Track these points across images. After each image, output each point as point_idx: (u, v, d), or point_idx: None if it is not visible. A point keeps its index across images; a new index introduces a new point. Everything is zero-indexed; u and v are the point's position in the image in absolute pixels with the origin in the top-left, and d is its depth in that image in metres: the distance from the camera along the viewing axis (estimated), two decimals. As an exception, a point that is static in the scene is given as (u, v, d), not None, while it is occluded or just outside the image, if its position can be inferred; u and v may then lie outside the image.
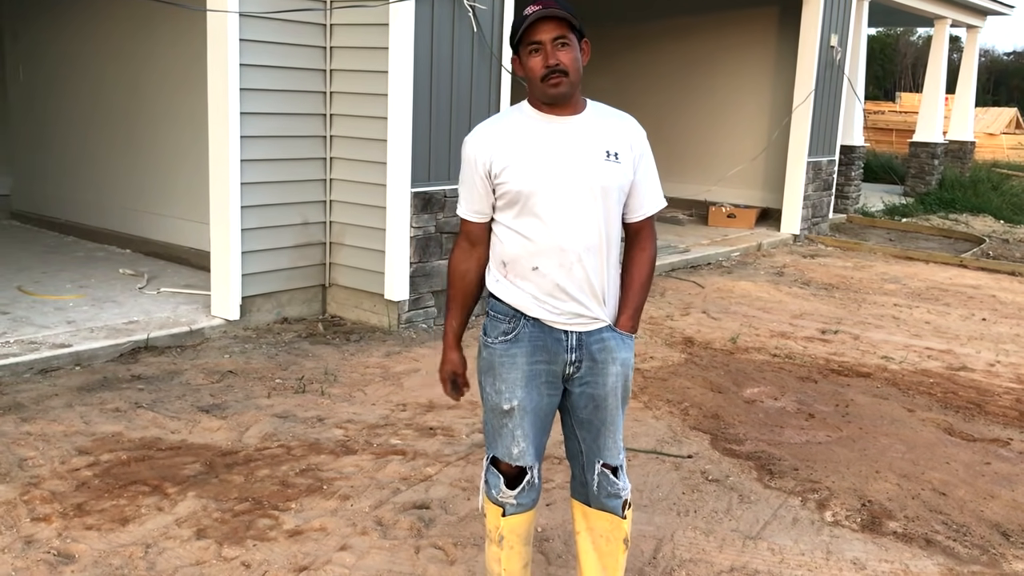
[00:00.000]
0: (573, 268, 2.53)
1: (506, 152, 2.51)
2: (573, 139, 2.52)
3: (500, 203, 2.56)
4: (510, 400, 2.60)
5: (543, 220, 2.51)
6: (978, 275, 9.50)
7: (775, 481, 4.13)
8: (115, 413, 4.51)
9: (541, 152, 2.50)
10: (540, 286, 2.54)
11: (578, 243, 2.52)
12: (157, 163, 7.54)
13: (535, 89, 2.50)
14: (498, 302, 2.61)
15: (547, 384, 2.62)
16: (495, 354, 2.61)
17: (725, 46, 12.19)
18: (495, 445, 2.69)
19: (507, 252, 2.57)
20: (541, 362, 2.59)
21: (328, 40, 6.15)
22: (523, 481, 2.69)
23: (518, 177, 2.49)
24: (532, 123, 2.54)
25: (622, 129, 2.59)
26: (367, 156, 6.10)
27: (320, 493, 3.78)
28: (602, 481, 2.71)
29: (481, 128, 2.61)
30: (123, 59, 7.69)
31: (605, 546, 2.77)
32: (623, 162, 2.54)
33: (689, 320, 6.99)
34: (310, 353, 5.65)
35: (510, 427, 2.63)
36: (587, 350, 2.59)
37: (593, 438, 2.68)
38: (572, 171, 2.49)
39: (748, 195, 12.07)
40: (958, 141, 16.79)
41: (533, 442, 2.65)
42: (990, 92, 56.34)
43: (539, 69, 2.46)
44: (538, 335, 2.57)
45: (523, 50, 2.49)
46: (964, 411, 5.19)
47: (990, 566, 3.48)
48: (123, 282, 6.70)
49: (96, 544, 3.30)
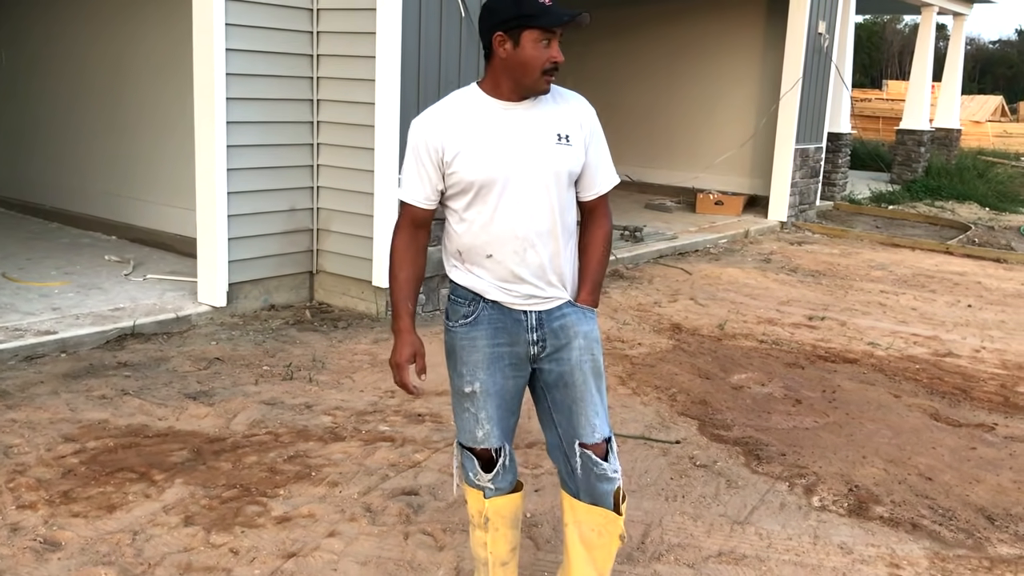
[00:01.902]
0: (527, 254, 2.50)
1: (458, 140, 2.44)
2: (526, 126, 2.46)
3: (451, 191, 2.50)
4: (471, 383, 2.58)
5: (496, 209, 2.47)
6: (964, 262, 9.55)
7: (763, 466, 4.15)
8: (101, 400, 4.49)
9: (495, 141, 2.44)
10: (495, 273, 2.52)
11: (531, 229, 2.48)
12: (142, 149, 7.49)
13: (525, 78, 2.41)
14: (457, 286, 2.60)
15: (511, 366, 2.59)
16: (456, 337, 2.59)
17: (713, 32, 12.18)
18: (460, 428, 2.69)
19: (461, 241, 2.53)
20: (503, 344, 2.57)
21: (315, 25, 6.11)
22: (496, 464, 2.67)
23: (471, 167, 2.43)
24: (486, 109, 2.46)
25: (571, 110, 2.54)
26: (355, 142, 6.06)
27: (308, 480, 3.77)
28: (585, 462, 2.60)
29: (432, 113, 2.51)
30: (107, 43, 7.63)
31: (597, 539, 2.69)
32: (574, 144, 2.50)
33: (677, 306, 7.00)
34: (298, 340, 5.63)
35: (472, 410, 2.61)
36: (548, 328, 2.56)
37: (567, 418, 2.62)
38: (526, 159, 2.45)
39: (736, 182, 12.09)
40: (944, 129, 16.84)
41: (498, 424, 2.63)
42: (976, 80, 56.52)
43: (543, 62, 2.39)
44: (498, 317, 2.55)
45: (529, 34, 2.37)
46: (950, 397, 5.22)
47: (975, 550, 3.51)
48: (109, 269, 6.66)
49: (83, 531, 3.28)
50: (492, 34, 2.41)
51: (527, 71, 2.40)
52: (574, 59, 11.58)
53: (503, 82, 2.45)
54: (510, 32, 2.39)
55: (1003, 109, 29.33)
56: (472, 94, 2.50)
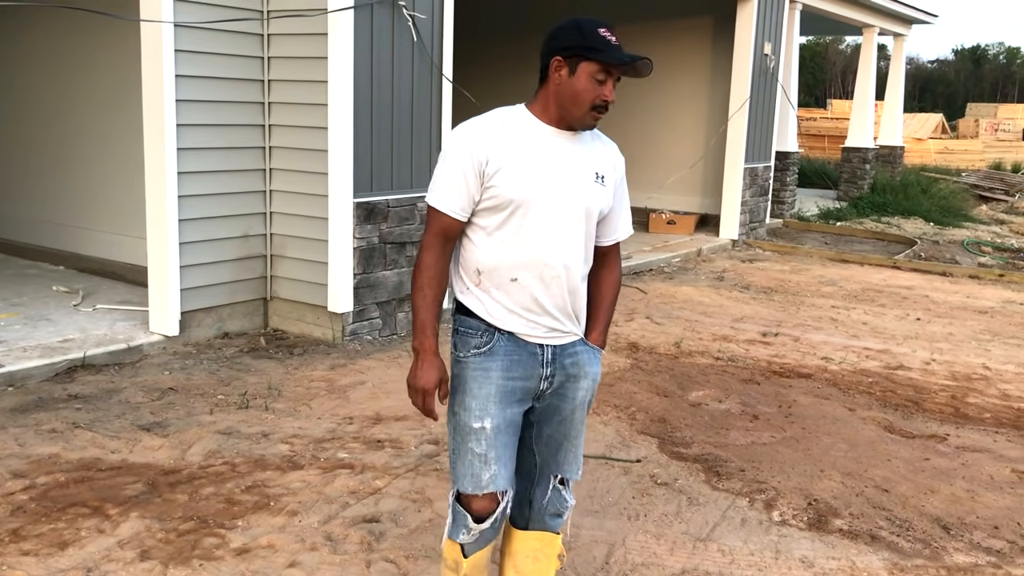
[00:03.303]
0: (552, 284, 2.45)
1: (503, 155, 2.38)
2: (570, 156, 2.45)
3: (484, 205, 2.41)
4: (481, 418, 2.44)
5: (530, 232, 2.41)
6: (911, 276, 9.75)
7: (723, 483, 4.18)
8: (51, 434, 4.38)
9: (539, 164, 2.40)
10: (516, 299, 2.44)
11: (560, 259, 2.44)
12: (91, 177, 7.37)
13: (574, 109, 2.39)
14: (467, 317, 2.48)
15: (519, 403, 2.50)
16: (467, 368, 2.46)
17: (662, 55, 12.34)
18: (460, 474, 2.49)
19: (485, 260, 2.44)
20: (517, 378, 2.47)
21: (266, 50, 6.08)
22: (495, 512, 2.51)
23: (512, 184, 2.38)
24: (534, 131, 2.43)
25: (608, 152, 2.56)
26: (308, 167, 6.03)
27: (267, 510, 3.71)
28: (553, 498, 2.63)
29: (479, 123, 2.44)
30: (54, 69, 7.51)
31: (532, 565, 2.66)
32: (607, 186, 2.51)
33: (633, 325, 7.04)
34: (253, 368, 5.56)
35: (479, 449, 2.45)
36: (560, 364, 2.51)
37: (552, 452, 2.60)
38: (565, 187, 2.42)
39: (687, 201, 12.23)
40: (888, 146, 17.23)
41: (506, 466, 2.48)
42: (916, 99, 57.94)
43: (594, 98, 2.37)
44: (513, 349, 2.46)
45: (586, 66, 2.35)
46: (903, 409, 5.31)
47: (933, 559, 3.56)
48: (57, 299, 6.52)
49: (34, 570, 3.19)
50: (551, 57, 2.40)
51: (577, 102, 2.38)
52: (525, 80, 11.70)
53: (551, 108, 2.43)
54: (568, 59, 2.37)
55: (943, 126, 30.12)
56: (520, 113, 2.46)
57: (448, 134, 2.46)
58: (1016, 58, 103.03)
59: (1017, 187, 18.32)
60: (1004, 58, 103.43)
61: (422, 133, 6.35)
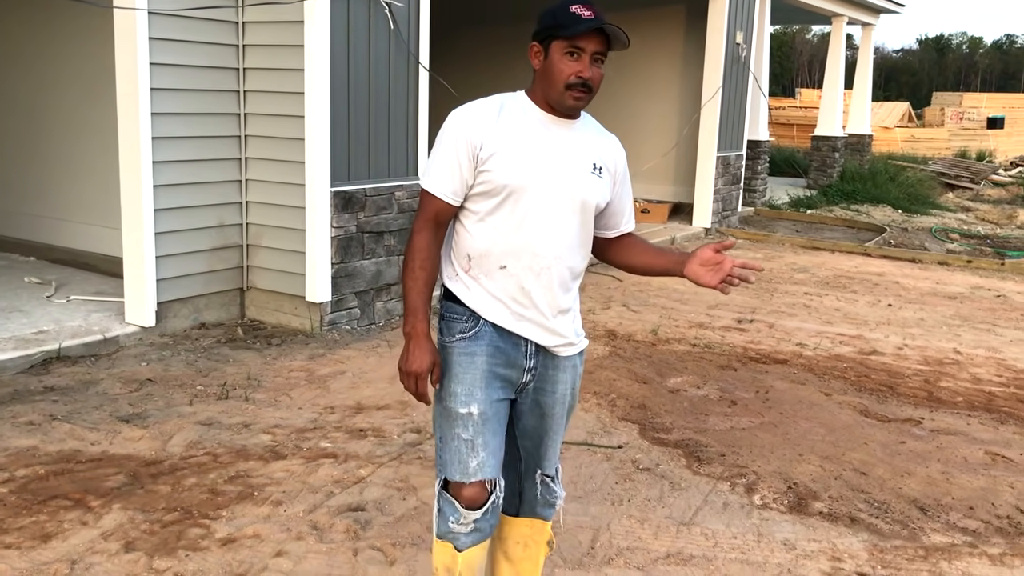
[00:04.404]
0: (542, 274, 2.41)
1: (499, 139, 2.35)
2: (567, 145, 2.41)
3: (477, 191, 2.38)
4: (467, 403, 2.39)
5: (522, 219, 2.37)
6: (881, 263, 9.87)
7: (704, 467, 4.22)
8: (29, 426, 4.33)
9: (534, 150, 2.37)
10: (504, 287, 2.41)
11: (551, 249, 2.40)
12: (63, 167, 7.26)
13: (551, 91, 2.35)
14: (454, 303, 2.46)
15: (502, 389, 2.46)
16: (452, 352, 2.43)
17: (634, 44, 12.29)
18: (447, 461, 2.43)
19: (476, 246, 2.41)
20: (499, 365, 2.44)
21: (241, 38, 6.02)
22: (487, 501, 2.44)
23: (506, 170, 2.34)
24: (531, 117, 2.40)
25: (609, 146, 2.52)
26: (284, 156, 5.99)
27: (251, 500, 3.70)
28: (543, 491, 2.63)
29: (476, 107, 2.40)
30: (26, 57, 7.39)
31: (522, 552, 2.67)
32: (604, 178, 2.47)
33: (611, 313, 7.08)
34: (231, 358, 5.53)
35: (466, 436, 2.39)
36: (543, 358, 2.49)
37: (535, 446, 2.59)
38: (560, 176, 2.38)
39: (660, 190, 12.29)
40: (857, 134, 17.40)
41: (494, 453, 2.43)
42: (881, 88, 58.51)
43: (569, 75, 2.31)
44: (497, 336, 2.43)
45: (556, 45, 2.32)
46: (877, 393, 5.39)
47: (911, 540, 3.63)
48: (29, 291, 6.44)
49: (17, 563, 3.16)
50: (529, 45, 2.41)
51: (553, 83, 2.34)
52: (496, 71, 11.73)
53: (539, 93, 2.41)
54: (543, 43, 2.36)
55: (910, 115, 30.46)
56: (519, 100, 2.43)
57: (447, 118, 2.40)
58: (979, 48, 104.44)
59: (982, 175, 18.59)
60: (967, 47, 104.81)
61: (399, 122, 6.33)
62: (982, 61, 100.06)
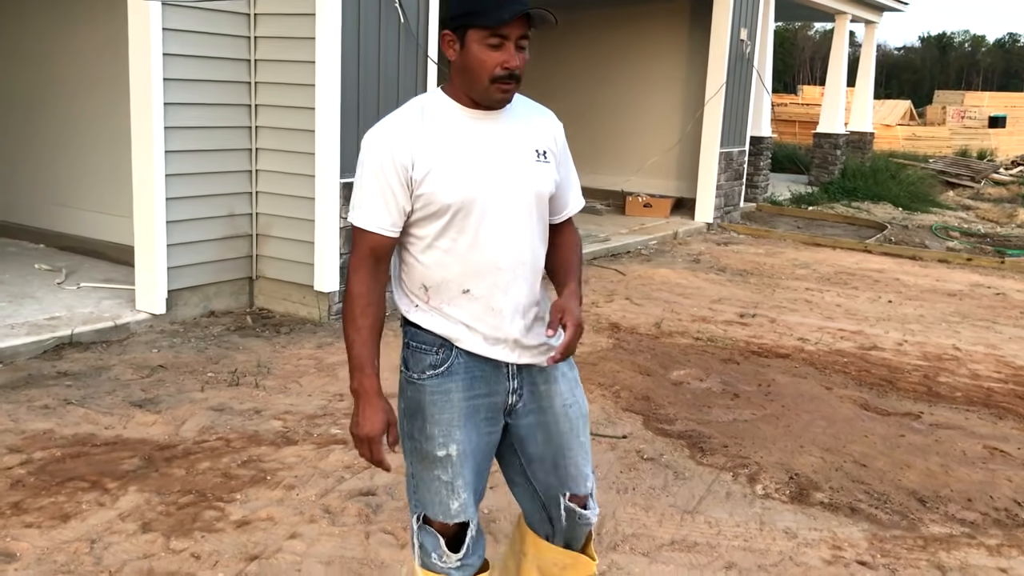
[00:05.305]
0: (510, 288, 2.18)
1: (430, 153, 2.08)
2: (504, 140, 2.16)
3: (419, 215, 2.12)
4: (445, 446, 2.18)
5: (475, 236, 2.12)
6: (882, 260, 9.94)
7: (707, 458, 4.30)
8: (44, 410, 4.41)
9: (472, 157, 2.11)
10: (471, 312, 2.17)
11: (514, 258, 2.17)
12: (72, 156, 7.33)
13: (475, 85, 2.08)
14: (419, 331, 2.20)
15: (487, 420, 2.24)
16: (424, 392, 2.18)
17: (639, 40, 12.43)
18: (426, 501, 2.23)
19: (430, 275, 2.16)
20: (480, 396, 2.21)
21: (252, 30, 6.08)
22: (466, 538, 2.26)
23: (447, 188, 2.08)
24: (456, 119, 2.13)
25: (545, 123, 2.26)
26: (294, 147, 6.05)
27: (264, 483, 3.78)
28: (570, 516, 2.34)
29: (395, 122, 2.13)
30: (34, 46, 7.44)
31: (559, 573, 2.41)
32: (550, 161, 2.22)
33: (614, 306, 7.15)
34: (240, 346, 5.60)
35: (445, 478, 2.19)
36: (528, 374, 2.27)
37: (551, 472, 2.32)
38: (507, 178, 2.14)
39: (663, 185, 12.35)
40: (858, 132, 17.47)
41: (475, 491, 2.25)
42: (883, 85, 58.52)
43: (494, 67, 2.05)
44: (474, 364, 2.20)
45: (474, 34, 2.04)
46: (877, 387, 5.47)
47: (910, 530, 3.71)
48: (40, 278, 6.51)
49: (38, 542, 3.24)
50: (440, 33, 2.13)
51: (475, 78, 2.06)
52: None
53: (459, 88, 2.13)
54: (456, 31, 2.07)
55: (911, 113, 30.53)
56: (437, 101, 2.16)
57: (364, 139, 2.17)
58: (981, 46, 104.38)
59: (983, 173, 18.66)
60: (969, 46, 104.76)
61: (407, 114, 6.38)
62: (984, 59, 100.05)
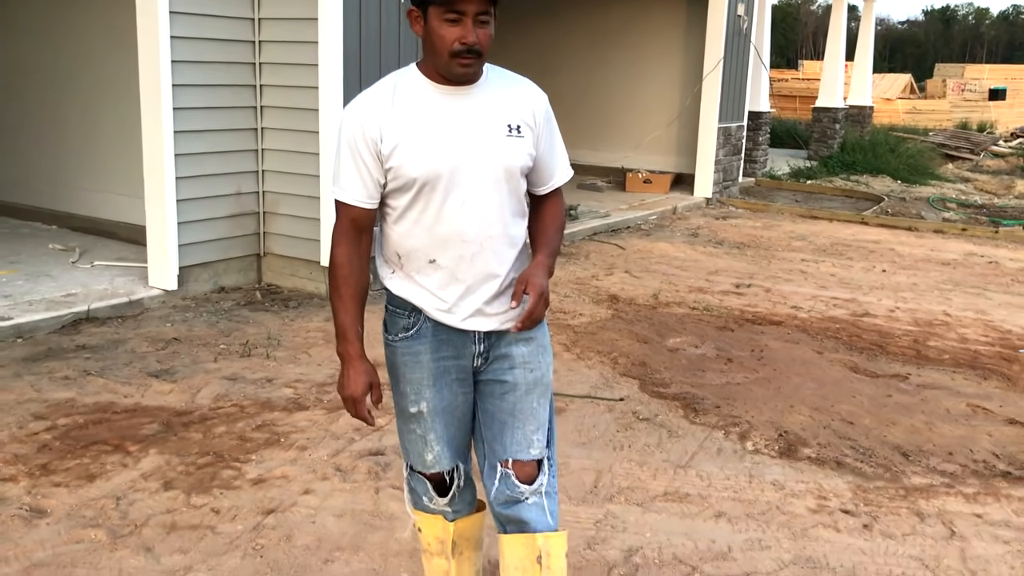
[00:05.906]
0: (475, 260, 2.25)
1: (398, 129, 2.16)
2: (474, 114, 2.20)
3: (389, 187, 2.22)
4: (416, 402, 2.33)
5: (441, 208, 2.20)
6: (878, 231, 10.10)
7: (700, 418, 4.49)
8: (65, 380, 4.61)
9: (438, 132, 2.17)
10: (437, 281, 2.26)
11: (480, 232, 2.23)
12: (84, 137, 7.50)
13: (438, 60, 2.13)
14: (394, 296, 2.33)
15: (458, 381, 2.35)
16: (397, 353, 2.33)
17: (637, 16, 12.53)
18: (408, 452, 2.44)
19: (401, 243, 2.26)
20: (448, 357, 2.32)
21: (256, 12, 6.23)
22: (452, 487, 2.45)
23: (413, 161, 2.16)
24: (426, 95, 2.19)
25: (524, 97, 2.27)
26: (300, 126, 6.22)
27: (278, 445, 3.98)
28: (501, 486, 2.35)
29: (366, 98, 2.20)
30: (47, 29, 7.60)
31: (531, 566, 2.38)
32: (525, 135, 2.25)
33: (613, 279, 7.33)
34: (251, 320, 5.79)
35: (419, 432, 2.37)
36: (494, 339, 2.34)
37: (496, 433, 2.37)
38: (473, 153, 2.18)
39: (663, 161, 12.49)
40: (858, 106, 17.55)
41: (449, 444, 2.39)
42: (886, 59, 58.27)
43: (452, 42, 2.09)
44: (441, 328, 2.30)
45: (433, 11, 2.08)
46: (868, 352, 5.65)
47: (892, 481, 3.90)
48: (54, 257, 6.70)
49: (66, 499, 3.44)
50: (407, 10, 2.19)
51: (436, 53, 2.12)
52: (498, 46, 11.86)
53: (429, 64, 2.19)
54: (420, 7, 2.13)
55: (912, 87, 30.53)
56: (410, 77, 2.22)
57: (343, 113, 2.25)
58: (985, 18, 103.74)
59: (982, 146, 18.75)
60: (973, 19, 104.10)
61: (409, 93, 6.54)
62: (988, 32, 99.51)
